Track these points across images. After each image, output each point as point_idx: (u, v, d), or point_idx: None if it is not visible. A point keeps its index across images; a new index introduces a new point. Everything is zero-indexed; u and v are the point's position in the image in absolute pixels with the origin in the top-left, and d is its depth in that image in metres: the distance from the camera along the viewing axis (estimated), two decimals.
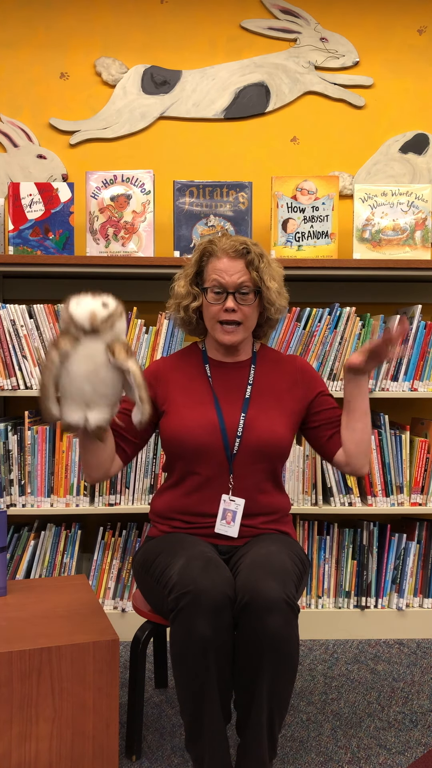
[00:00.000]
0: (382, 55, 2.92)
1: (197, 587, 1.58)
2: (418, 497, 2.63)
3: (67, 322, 1.59)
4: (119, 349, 1.60)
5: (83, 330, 1.58)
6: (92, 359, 1.59)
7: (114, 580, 2.62)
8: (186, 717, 1.64)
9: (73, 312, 1.58)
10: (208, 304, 1.89)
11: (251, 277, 1.87)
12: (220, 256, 1.88)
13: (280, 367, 1.99)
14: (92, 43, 2.87)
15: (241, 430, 1.87)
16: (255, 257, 1.87)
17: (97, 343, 1.59)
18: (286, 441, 1.92)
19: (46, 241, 2.57)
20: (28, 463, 2.55)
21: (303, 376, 1.98)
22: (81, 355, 1.59)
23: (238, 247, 1.87)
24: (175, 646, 1.62)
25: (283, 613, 1.58)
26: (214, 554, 1.76)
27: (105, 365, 1.60)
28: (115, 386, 1.63)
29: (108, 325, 1.59)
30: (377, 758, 1.91)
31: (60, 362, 1.58)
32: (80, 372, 1.58)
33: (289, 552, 1.79)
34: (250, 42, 2.89)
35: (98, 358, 1.59)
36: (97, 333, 1.58)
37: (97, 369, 1.59)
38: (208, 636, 1.57)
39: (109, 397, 1.63)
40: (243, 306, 1.87)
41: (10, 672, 1.63)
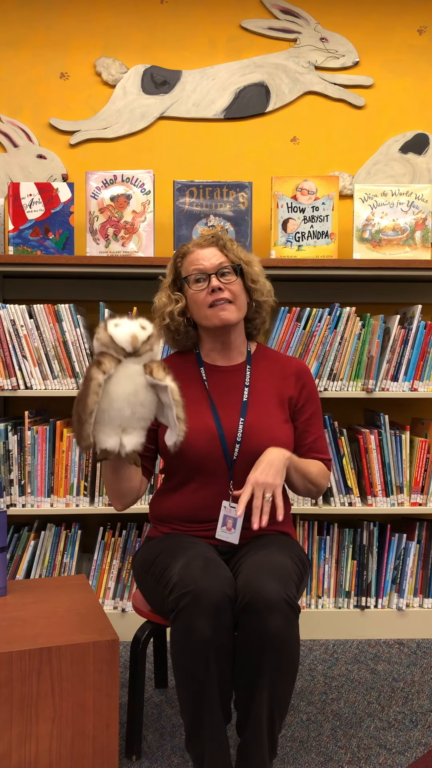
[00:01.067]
0: (382, 55, 2.92)
1: (198, 587, 1.58)
2: (418, 497, 2.63)
3: (106, 344, 1.58)
4: (157, 368, 1.60)
5: (124, 352, 1.57)
6: (132, 381, 1.58)
7: (114, 580, 2.62)
8: (186, 717, 1.64)
9: (114, 333, 1.57)
10: (194, 293, 1.88)
11: (228, 258, 1.90)
12: (192, 249, 1.92)
13: (277, 368, 1.97)
14: (92, 43, 2.87)
15: (240, 436, 1.86)
16: (226, 241, 1.92)
17: (136, 365, 1.59)
18: (287, 442, 1.91)
19: (46, 241, 2.57)
20: (28, 463, 2.55)
21: (299, 384, 1.96)
22: (121, 376, 1.58)
23: (208, 237, 1.92)
24: (175, 646, 1.62)
25: (283, 613, 1.58)
26: (214, 554, 1.76)
27: (144, 387, 1.59)
28: (152, 409, 1.62)
29: (148, 347, 1.60)
30: (377, 758, 1.91)
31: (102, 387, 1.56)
32: (121, 394, 1.57)
33: (290, 552, 1.79)
34: (250, 42, 2.89)
35: (138, 380, 1.59)
36: (137, 355, 1.58)
37: (137, 390, 1.59)
38: (208, 636, 1.57)
39: (145, 420, 1.62)
40: (228, 285, 1.87)
41: (10, 672, 1.63)
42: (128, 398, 1.58)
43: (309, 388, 1.97)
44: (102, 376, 1.56)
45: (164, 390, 1.60)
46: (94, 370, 1.56)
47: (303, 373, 1.98)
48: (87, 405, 1.54)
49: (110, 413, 1.58)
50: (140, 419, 1.61)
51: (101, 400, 1.57)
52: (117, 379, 1.58)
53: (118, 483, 1.80)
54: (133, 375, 1.59)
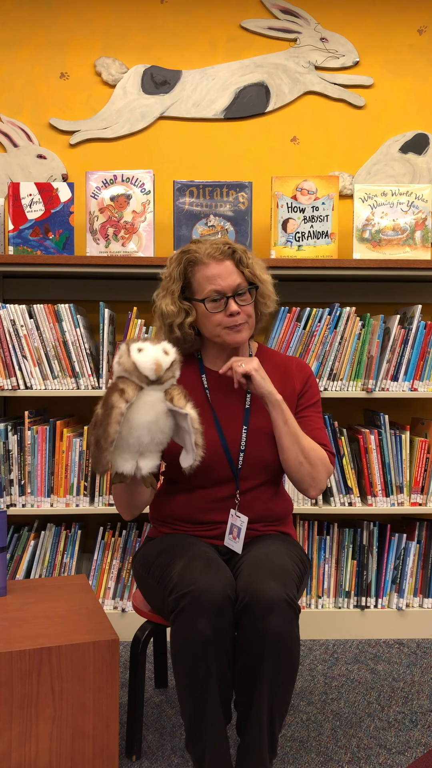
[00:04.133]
0: (382, 55, 2.92)
1: (198, 587, 1.58)
2: (418, 497, 2.63)
3: (128, 371, 1.56)
4: (178, 396, 1.59)
5: (147, 380, 1.56)
6: (154, 409, 1.57)
7: (114, 580, 2.62)
8: (186, 717, 1.64)
9: (137, 360, 1.55)
10: (209, 314, 1.82)
11: (245, 276, 1.83)
12: (207, 261, 1.81)
13: (278, 370, 1.94)
14: (92, 43, 2.87)
15: (244, 445, 1.85)
16: (241, 254, 1.83)
17: (158, 393, 1.58)
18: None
19: (46, 241, 2.57)
20: (28, 463, 2.55)
21: (301, 379, 1.94)
22: (143, 404, 1.56)
23: (222, 248, 1.81)
24: (175, 647, 1.62)
25: (284, 613, 1.58)
26: (215, 554, 1.76)
27: (164, 414, 1.59)
28: (169, 434, 1.62)
29: (170, 374, 1.58)
30: (377, 758, 1.91)
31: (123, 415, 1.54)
32: (142, 422, 1.56)
33: (290, 552, 1.79)
34: (250, 42, 2.89)
35: (159, 407, 1.58)
36: (160, 383, 1.57)
37: (158, 418, 1.58)
38: (208, 636, 1.57)
39: (163, 444, 1.62)
40: (244, 306, 1.83)
41: (10, 672, 1.63)
42: (149, 426, 1.57)
43: (311, 383, 1.95)
44: (124, 405, 1.53)
45: (184, 417, 1.59)
46: (117, 398, 1.53)
47: (304, 368, 1.97)
48: (108, 434, 1.52)
49: (129, 441, 1.57)
50: (158, 444, 1.61)
51: (122, 428, 1.55)
52: (138, 407, 1.56)
53: (129, 499, 1.79)
54: (155, 403, 1.57)
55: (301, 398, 1.93)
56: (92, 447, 1.56)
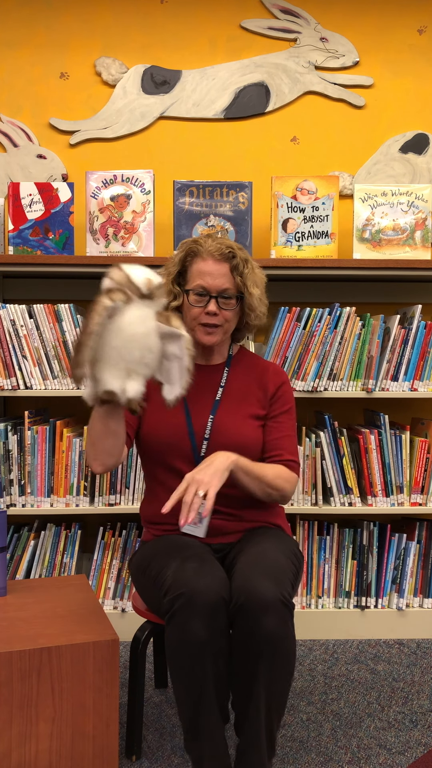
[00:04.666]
0: (382, 55, 2.92)
1: (191, 589, 1.58)
2: (418, 497, 2.63)
3: (120, 282, 1.56)
4: (174, 317, 1.59)
5: (139, 292, 1.55)
6: (144, 323, 1.56)
7: (114, 580, 2.62)
8: (184, 718, 1.64)
9: (131, 273, 1.56)
10: (190, 305, 1.88)
11: (235, 283, 1.86)
12: (205, 257, 1.87)
13: (254, 371, 1.98)
14: (92, 43, 2.87)
15: (208, 433, 1.87)
16: (240, 262, 1.87)
17: (149, 309, 1.57)
18: (256, 441, 1.91)
19: (46, 241, 2.57)
20: (28, 463, 2.55)
21: (275, 384, 1.96)
22: (135, 316, 1.55)
23: (224, 250, 1.86)
24: (171, 649, 1.62)
25: (278, 613, 1.57)
26: (208, 555, 1.76)
27: (155, 332, 1.57)
28: (156, 358, 1.59)
29: (160, 293, 1.58)
30: (377, 758, 1.91)
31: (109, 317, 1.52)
32: (133, 333, 1.54)
33: (284, 548, 1.78)
34: (250, 42, 2.89)
35: (149, 324, 1.57)
36: (150, 299, 1.56)
37: (148, 333, 1.56)
38: (203, 637, 1.57)
39: (149, 368, 1.59)
40: (224, 310, 1.87)
41: (10, 672, 1.63)
42: (139, 339, 1.55)
43: (284, 389, 1.97)
44: (110, 302, 1.53)
45: (177, 339, 1.58)
46: (103, 297, 1.53)
47: (280, 374, 1.99)
48: (88, 326, 1.50)
49: (120, 351, 1.54)
50: (145, 366, 1.58)
51: (112, 338, 1.54)
52: (130, 319, 1.55)
53: (106, 438, 1.74)
54: (145, 318, 1.57)
55: (273, 404, 1.95)
56: (74, 349, 1.54)
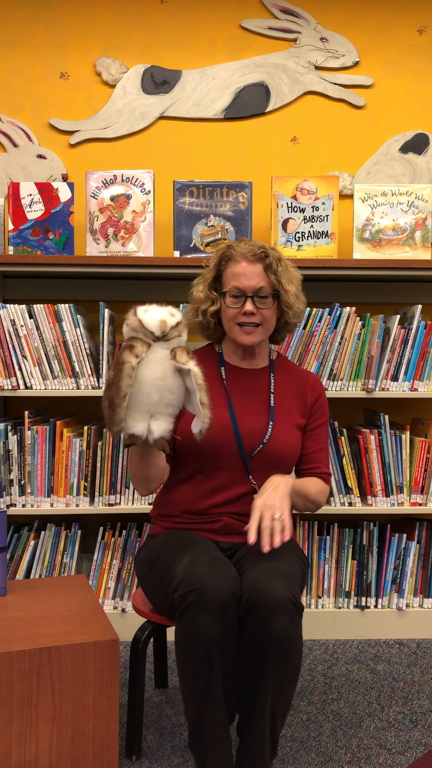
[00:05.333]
0: (382, 55, 2.92)
1: (204, 585, 1.58)
2: (418, 497, 2.63)
3: (135, 329, 1.59)
4: (180, 352, 1.61)
5: (153, 336, 1.59)
6: (161, 365, 1.59)
7: (114, 580, 2.62)
8: (190, 716, 1.64)
9: (143, 318, 1.59)
10: (227, 307, 1.91)
11: (269, 281, 1.89)
12: (239, 260, 1.90)
13: (294, 379, 2.02)
14: (92, 43, 2.87)
15: (267, 438, 1.89)
16: (273, 261, 1.90)
17: (164, 350, 1.60)
18: (299, 451, 1.98)
19: (46, 241, 2.57)
20: (28, 463, 2.55)
21: (314, 396, 2.00)
22: (150, 360, 1.58)
23: (256, 251, 1.89)
24: (180, 644, 1.62)
25: (289, 613, 1.58)
26: (219, 552, 1.77)
27: (171, 372, 1.60)
28: (180, 395, 1.63)
29: (176, 333, 1.61)
30: (377, 758, 1.91)
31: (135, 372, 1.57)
32: (149, 378, 1.58)
33: (292, 552, 1.80)
34: (250, 42, 2.89)
35: (166, 365, 1.59)
36: (165, 340, 1.59)
37: (165, 375, 1.59)
38: (214, 633, 1.57)
39: (173, 407, 1.63)
40: (262, 309, 1.89)
41: (10, 672, 1.63)
42: (156, 383, 1.58)
43: (321, 401, 2.02)
44: (135, 359, 1.56)
45: (188, 374, 1.60)
46: (127, 354, 1.56)
47: (318, 386, 2.04)
48: (120, 389, 1.54)
49: (138, 398, 1.58)
50: (168, 405, 1.61)
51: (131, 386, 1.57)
52: (146, 364, 1.58)
53: (144, 470, 1.79)
54: (162, 360, 1.59)
55: (312, 415, 2.00)
56: (106, 408, 1.57)
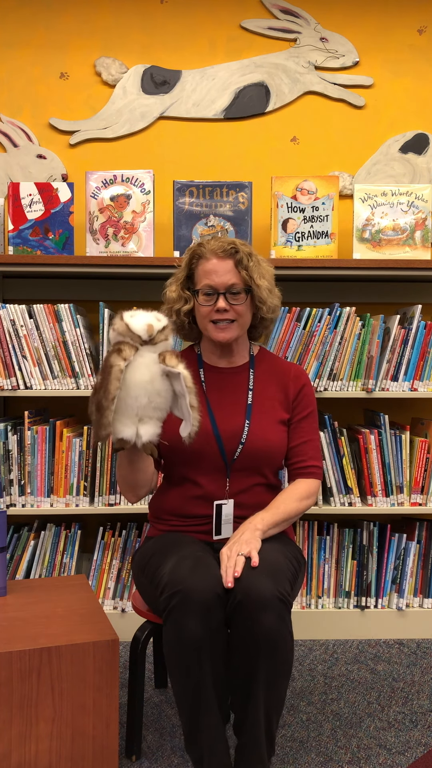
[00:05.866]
0: (382, 55, 2.92)
1: (186, 587, 1.59)
2: (418, 497, 2.63)
3: (122, 333, 1.60)
4: (170, 356, 1.61)
5: (140, 340, 1.59)
6: (149, 369, 1.60)
7: (114, 580, 2.62)
8: (184, 718, 1.64)
9: (130, 323, 1.60)
10: (200, 306, 1.90)
11: (241, 277, 1.87)
12: (209, 257, 1.88)
13: (276, 373, 1.99)
14: (92, 43, 2.87)
15: (244, 438, 1.87)
16: (243, 256, 1.88)
17: (152, 354, 1.61)
18: (284, 447, 1.95)
19: (46, 241, 2.57)
20: (28, 463, 2.55)
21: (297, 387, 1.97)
22: (138, 364, 1.59)
23: (226, 247, 1.88)
24: (167, 647, 1.62)
25: (276, 610, 1.58)
26: (206, 553, 1.77)
27: (159, 376, 1.61)
28: (167, 399, 1.63)
29: (163, 336, 1.62)
30: (377, 758, 1.91)
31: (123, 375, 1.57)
32: (137, 381, 1.58)
33: (283, 549, 1.79)
34: (250, 42, 2.89)
35: (153, 368, 1.60)
36: (153, 344, 1.60)
37: (153, 379, 1.60)
38: (199, 635, 1.57)
39: (161, 410, 1.63)
40: (235, 305, 1.87)
41: (10, 672, 1.63)
42: (145, 386, 1.59)
43: (305, 392, 1.98)
44: (123, 362, 1.56)
45: (177, 377, 1.61)
46: (115, 357, 1.56)
47: (302, 376, 2.00)
48: (109, 391, 1.54)
49: (127, 401, 1.58)
50: (156, 409, 1.62)
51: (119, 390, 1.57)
52: (133, 368, 1.59)
53: (133, 474, 1.80)
54: (149, 363, 1.60)
55: (295, 408, 1.97)
56: (93, 413, 1.57)
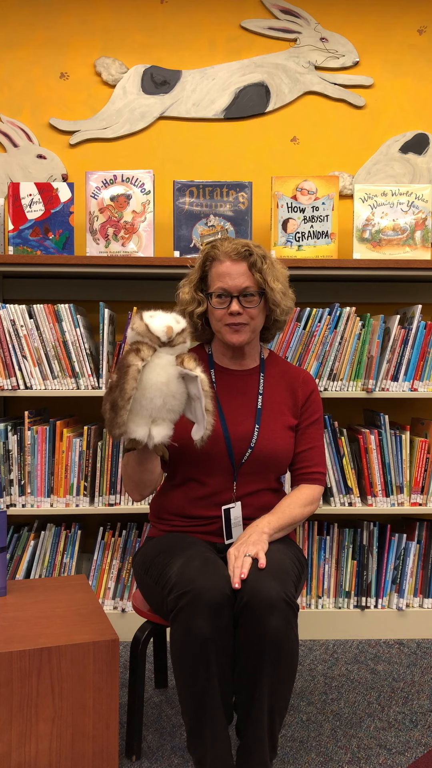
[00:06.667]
0: (382, 55, 2.92)
1: (196, 587, 1.58)
2: (418, 497, 2.63)
3: (141, 334, 1.60)
4: (188, 359, 1.61)
5: (159, 341, 1.59)
6: (165, 370, 1.59)
7: (114, 580, 2.62)
8: (187, 718, 1.64)
9: (150, 323, 1.59)
10: (213, 308, 1.89)
11: (255, 280, 1.86)
12: (223, 259, 1.88)
13: (285, 378, 1.99)
14: (92, 43, 2.87)
15: (254, 441, 1.88)
16: (258, 259, 1.87)
17: (169, 356, 1.61)
18: (291, 452, 1.96)
19: (46, 241, 2.57)
20: (28, 463, 2.55)
21: (305, 393, 1.98)
22: (154, 365, 1.59)
23: (240, 249, 1.87)
24: (175, 646, 1.62)
25: (282, 612, 1.58)
26: (213, 554, 1.77)
27: (176, 378, 1.61)
28: (181, 402, 1.63)
29: (181, 339, 1.61)
30: (377, 758, 1.91)
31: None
32: (153, 383, 1.58)
33: (288, 551, 1.79)
34: (250, 42, 2.89)
35: (170, 370, 1.60)
36: (171, 346, 1.60)
37: (169, 381, 1.59)
38: (207, 635, 1.57)
39: (174, 412, 1.63)
40: (248, 308, 1.87)
41: (10, 672, 1.63)
42: (160, 388, 1.58)
43: (313, 398, 1.99)
44: (140, 362, 1.56)
45: (194, 381, 1.60)
46: (132, 357, 1.56)
47: (310, 382, 2.01)
48: (125, 391, 1.54)
49: (142, 402, 1.58)
50: (170, 411, 1.61)
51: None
52: (150, 368, 1.58)
53: (141, 474, 1.79)
54: (166, 365, 1.60)
55: (303, 413, 1.97)
56: (108, 411, 1.57)
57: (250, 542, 1.73)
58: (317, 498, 1.95)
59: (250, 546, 1.72)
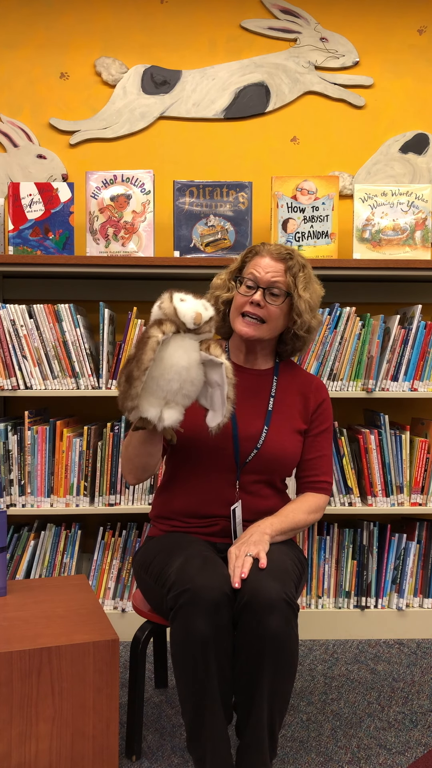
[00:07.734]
0: (382, 55, 2.92)
1: (195, 585, 1.59)
2: (418, 497, 2.63)
3: (168, 315, 1.57)
4: (214, 345, 1.60)
5: (185, 327, 1.57)
6: (187, 355, 1.57)
7: (114, 580, 2.62)
8: (187, 717, 1.64)
9: (179, 307, 1.57)
10: (238, 294, 1.90)
11: (286, 281, 1.87)
12: (264, 255, 1.90)
13: (297, 383, 1.99)
14: (92, 43, 2.87)
15: (261, 443, 1.88)
16: (296, 265, 1.89)
17: (192, 342, 1.59)
18: (297, 456, 1.96)
19: (46, 241, 2.57)
20: (28, 463, 2.55)
21: (317, 401, 1.98)
22: (177, 347, 1.56)
23: (283, 252, 1.90)
24: (174, 645, 1.62)
25: (283, 612, 1.58)
26: (212, 553, 1.77)
27: (197, 364, 1.59)
28: (198, 388, 1.61)
29: (207, 328, 1.60)
30: (377, 758, 1.91)
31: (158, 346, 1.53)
32: (174, 365, 1.56)
33: (288, 552, 1.80)
34: (250, 42, 2.89)
35: (193, 356, 1.58)
36: (197, 333, 1.58)
37: (190, 366, 1.58)
38: (207, 634, 1.57)
39: (189, 398, 1.61)
40: (270, 305, 1.87)
41: (10, 672, 1.63)
42: (180, 371, 1.56)
43: (324, 406, 1.99)
44: (161, 335, 1.54)
45: (218, 368, 1.59)
46: (154, 329, 1.54)
47: (323, 390, 2.01)
48: (142, 361, 1.51)
49: (159, 382, 1.56)
50: (185, 396, 1.60)
51: (152, 368, 1.55)
52: (173, 350, 1.56)
53: (141, 457, 1.78)
54: (189, 350, 1.58)
55: (314, 421, 1.98)
56: (122, 384, 1.55)
57: (252, 542, 1.73)
58: (322, 507, 1.95)
59: (251, 546, 1.72)
